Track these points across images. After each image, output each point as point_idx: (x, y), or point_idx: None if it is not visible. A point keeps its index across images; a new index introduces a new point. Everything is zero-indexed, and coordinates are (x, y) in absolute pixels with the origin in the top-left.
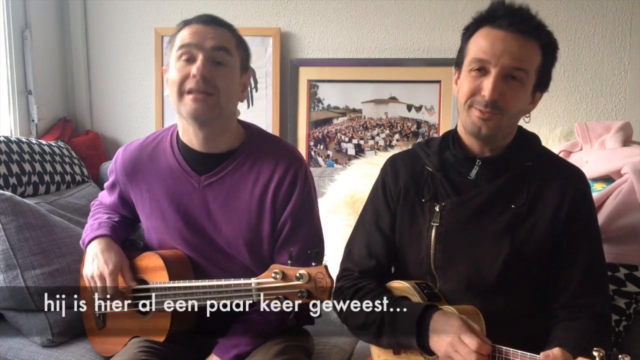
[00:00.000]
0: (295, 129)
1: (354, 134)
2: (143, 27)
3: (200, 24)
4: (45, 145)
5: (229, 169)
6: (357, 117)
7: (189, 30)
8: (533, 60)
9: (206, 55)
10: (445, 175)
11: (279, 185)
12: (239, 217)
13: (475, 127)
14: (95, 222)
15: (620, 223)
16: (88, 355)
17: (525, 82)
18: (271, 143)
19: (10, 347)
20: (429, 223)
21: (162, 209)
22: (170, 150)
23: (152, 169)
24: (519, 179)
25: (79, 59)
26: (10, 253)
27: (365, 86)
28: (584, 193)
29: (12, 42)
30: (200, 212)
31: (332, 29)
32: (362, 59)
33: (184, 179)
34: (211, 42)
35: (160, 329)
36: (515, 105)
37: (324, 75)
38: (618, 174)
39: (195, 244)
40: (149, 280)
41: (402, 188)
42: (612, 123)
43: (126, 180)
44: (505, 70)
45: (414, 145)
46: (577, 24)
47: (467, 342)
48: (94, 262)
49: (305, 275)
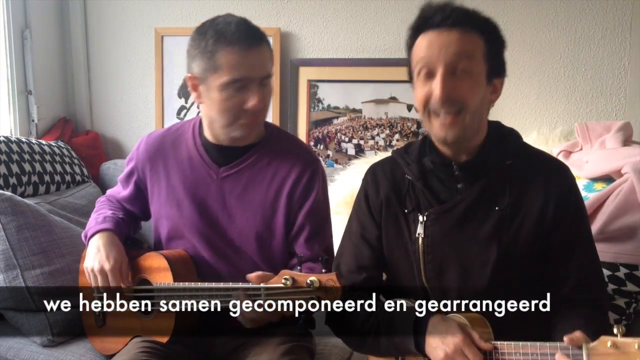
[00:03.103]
0: (295, 129)
1: (354, 134)
2: (143, 27)
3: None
4: (45, 145)
5: (248, 162)
6: (357, 117)
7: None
8: (475, 48)
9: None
10: (426, 184)
11: (297, 182)
12: (254, 209)
13: (440, 136)
14: (100, 215)
15: (620, 223)
16: (88, 355)
17: (474, 72)
18: (290, 141)
19: (10, 347)
20: (414, 234)
21: (178, 197)
22: (192, 141)
23: (173, 156)
24: (500, 180)
25: (79, 59)
26: (10, 253)
27: (365, 86)
28: (569, 187)
29: (12, 42)
30: (216, 203)
31: (332, 29)
32: (362, 59)
33: (203, 169)
34: (261, 72)
35: (164, 330)
36: (472, 97)
37: (324, 75)
38: (618, 174)
39: (207, 234)
40: (152, 280)
41: (383, 200)
42: (612, 123)
43: (146, 165)
44: (450, 66)
45: (393, 152)
46: (577, 24)
47: (470, 357)
48: (96, 255)
49: (316, 282)
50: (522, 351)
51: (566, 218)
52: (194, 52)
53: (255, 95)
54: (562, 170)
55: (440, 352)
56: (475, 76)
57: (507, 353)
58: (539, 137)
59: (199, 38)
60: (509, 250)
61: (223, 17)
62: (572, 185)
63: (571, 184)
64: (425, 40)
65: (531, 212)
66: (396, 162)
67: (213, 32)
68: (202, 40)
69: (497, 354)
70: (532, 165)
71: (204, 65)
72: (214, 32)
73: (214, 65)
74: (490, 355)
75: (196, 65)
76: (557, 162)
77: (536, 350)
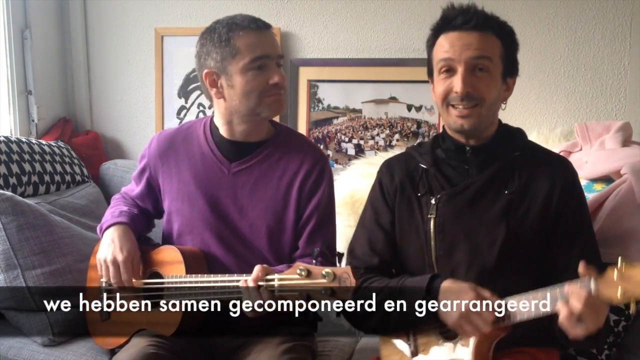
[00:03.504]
0: (295, 129)
1: (354, 134)
2: (143, 27)
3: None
4: (45, 145)
5: (259, 158)
6: (357, 117)
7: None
8: (494, 48)
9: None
10: (439, 169)
11: (307, 177)
12: (265, 203)
13: (457, 125)
14: (115, 210)
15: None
16: (89, 355)
17: (492, 70)
18: (299, 138)
19: (11, 347)
20: (426, 216)
21: (189, 192)
22: (204, 137)
23: (184, 152)
24: (509, 167)
25: (79, 59)
26: (10, 253)
27: (365, 86)
28: (573, 180)
29: (12, 42)
30: (227, 198)
31: (332, 29)
32: (362, 59)
33: (215, 164)
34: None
35: (170, 323)
36: (489, 93)
37: (324, 75)
38: (617, 174)
39: (217, 228)
40: (163, 273)
41: (398, 185)
42: (612, 123)
43: (158, 161)
44: (470, 64)
45: (407, 148)
46: (577, 24)
47: (484, 313)
48: (109, 247)
49: (330, 273)
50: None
51: (570, 207)
52: (207, 49)
53: (276, 71)
54: (566, 163)
55: (455, 312)
56: (493, 75)
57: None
58: (539, 137)
59: (209, 34)
60: (515, 231)
61: (224, 17)
62: (575, 177)
63: (574, 177)
64: (448, 41)
65: (538, 198)
66: (410, 155)
67: (223, 24)
68: (213, 34)
69: (506, 309)
70: (538, 157)
71: (221, 54)
72: (224, 24)
73: (231, 51)
74: (503, 309)
75: (212, 59)
76: (561, 156)
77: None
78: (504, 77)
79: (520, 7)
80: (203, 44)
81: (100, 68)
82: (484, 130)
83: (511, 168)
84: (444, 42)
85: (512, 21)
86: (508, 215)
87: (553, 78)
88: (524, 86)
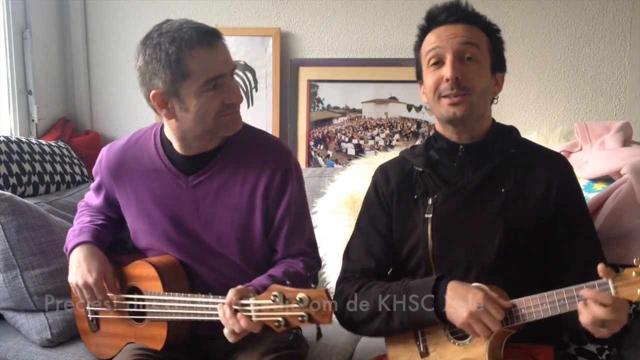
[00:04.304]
0: (295, 129)
1: (354, 134)
2: (143, 27)
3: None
4: (45, 145)
5: (217, 167)
6: (357, 117)
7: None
8: (481, 38)
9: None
10: (434, 170)
11: (270, 180)
12: (230, 214)
13: (449, 113)
14: (77, 226)
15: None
16: (87, 356)
17: (481, 59)
18: (258, 137)
19: (10, 348)
20: (423, 216)
21: (149, 211)
22: (155, 151)
23: (137, 170)
24: (505, 165)
25: (79, 59)
26: (9, 253)
27: (365, 86)
28: (570, 176)
29: (12, 42)
30: (190, 213)
31: (332, 29)
32: (362, 59)
33: (171, 180)
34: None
35: (157, 338)
36: (479, 82)
37: (324, 75)
38: (618, 174)
39: (183, 245)
40: (142, 289)
41: (394, 188)
42: (612, 123)
43: (111, 181)
44: (459, 51)
45: (401, 152)
46: (577, 24)
47: (492, 312)
48: (77, 270)
49: (305, 299)
50: (548, 300)
51: (570, 203)
52: (152, 67)
53: (232, 89)
54: (562, 160)
55: (464, 311)
56: (482, 64)
57: (527, 307)
58: (539, 137)
59: (154, 50)
60: (513, 228)
61: (165, 24)
62: (572, 173)
63: (571, 172)
64: (434, 35)
65: (535, 195)
66: (404, 159)
67: (169, 39)
68: (159, 51)
69: (516, 310)
70: (534, 154)
71: (171, 76)
72: (170, 39)
73: (182, 73)
74: (512, 312)
75: (159, 80)
76: (556, 153)
77: (562, 296)
78: (493, 70)
79: (520, 7)
80: (147, 61)
81: (100, 68)
82: (475, 122)
83: (507, 166)
84: (430, 37)
85: (512, 21)
86: (505, 213)
87: (553, 78)
88: (524, 86)
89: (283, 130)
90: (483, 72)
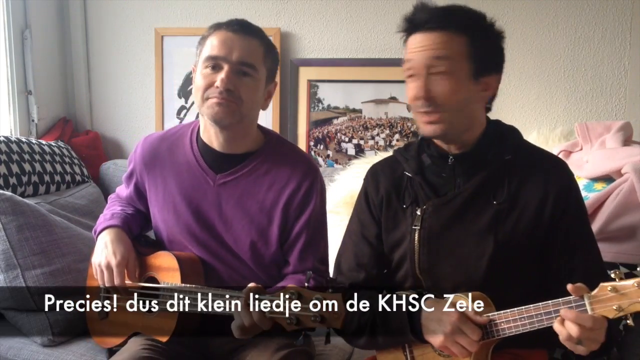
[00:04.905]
0: (295, 129)
1: (354, 134)
2: (143, 27)
3: (230, 31)
4: (45, 145)
5: (245, 171)
6: (357, 117)
7: (218, 39)
8: (455, 46)
9: (232, 67)
10: (424, 178)
11: (294, 193)
12: (250, 218)
13: (426, 132)
14: (108, 212)
15: (620, 223)
16: (88, 355)
17: (453, 71)
18: (289, 150)
19: (11, 347)
20: (411, 227)
21: (175, 202)
22: (190, 147)
23: (170, 162)
24: (498, 174)
25: (79, 59)
26: (10, 253)
27: (365, 86)
28: (569, 184)
29: (12, 42)
30: (212, 210)
31: (332, 29)
32: (362, 59)
33: (200, 175)
34: (237, 55)
35: (165, 329)
36: (453, 97)
37: (324, 75)
38: (618, 174)
39: (203, 239)
40: (159, 279)
41: (383, 196)
42: (612, 123)
43: (143, 169)
44: (427, 66)
45: (394, 151)
46: (577, 24)
47: (468, 333)
48: (102, 251)
49: (321, 299)
50: (525, 315)
51: (567, 214)
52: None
53: (226, 75)
54: (561, 166)
55: (439, 334)
56: (454, 76)
57: (506, 321)
58: (539, 137)
59: None
60: (504, 245)
61: None
62: (572, 181)
63: (570, 181)
64: (411, 43)
65: (529, 207)
66: (396, 160)
67: (213, 27)
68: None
69: (495, 325)
70: (531, 161)
71: (199, 50)
72: (213, 27)
73: (202, 46)
74: (490, 327)
75: (197, 55)
76: (556, 158)
77: (539, 311)
78: (476, 76)
79: (520, 7)
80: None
81: (100, 68)
82: (461, 135)
83: (500, 175)
84: (409, 45)
85: (512, 21)
86: (496, 227)
87: (553, 78)
88: (524, 86)
89: (283, 130)
90: (458, 84)
